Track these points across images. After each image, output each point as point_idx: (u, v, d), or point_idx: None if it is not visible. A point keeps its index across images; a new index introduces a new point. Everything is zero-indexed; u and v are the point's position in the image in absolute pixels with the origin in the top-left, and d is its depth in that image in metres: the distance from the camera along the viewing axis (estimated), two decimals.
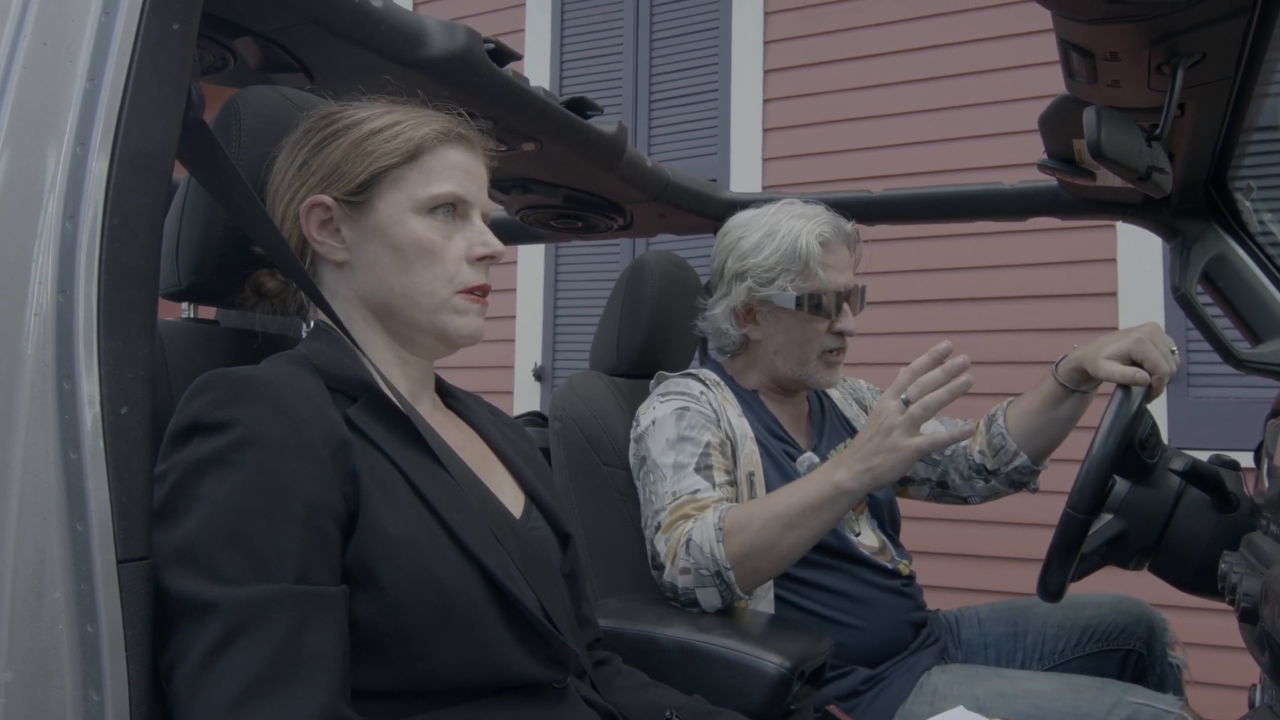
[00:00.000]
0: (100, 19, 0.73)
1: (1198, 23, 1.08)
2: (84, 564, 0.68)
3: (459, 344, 0.99)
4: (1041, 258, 3.09)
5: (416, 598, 0.81)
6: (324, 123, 0.97)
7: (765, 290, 1.56)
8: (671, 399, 1.52)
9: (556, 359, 3.94)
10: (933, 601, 1.67)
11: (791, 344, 1.59)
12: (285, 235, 0.96)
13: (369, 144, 0.94)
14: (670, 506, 1.41)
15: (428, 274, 0.95)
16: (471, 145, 1.00)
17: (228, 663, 0.71)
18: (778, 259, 1.55)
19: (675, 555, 1.36)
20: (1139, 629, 1.59)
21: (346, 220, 0.95)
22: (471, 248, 0.97)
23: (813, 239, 1.54)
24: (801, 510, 1.32)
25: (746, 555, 1.32)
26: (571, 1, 4.00)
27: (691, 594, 1.35)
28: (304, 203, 0.94)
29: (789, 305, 1.55)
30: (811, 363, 1.59)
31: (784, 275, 1.55)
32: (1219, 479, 1.33)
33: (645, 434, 1.51)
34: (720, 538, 1.33)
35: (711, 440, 1.47)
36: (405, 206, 0.94)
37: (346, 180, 0.94)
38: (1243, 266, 1.66)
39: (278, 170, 0.97)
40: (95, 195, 0.71)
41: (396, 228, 0.94)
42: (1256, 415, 1.57)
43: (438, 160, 0.96)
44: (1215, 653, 2.45)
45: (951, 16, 3.28)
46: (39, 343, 0.69)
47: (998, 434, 1.65)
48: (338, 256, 0.96)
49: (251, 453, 0.77)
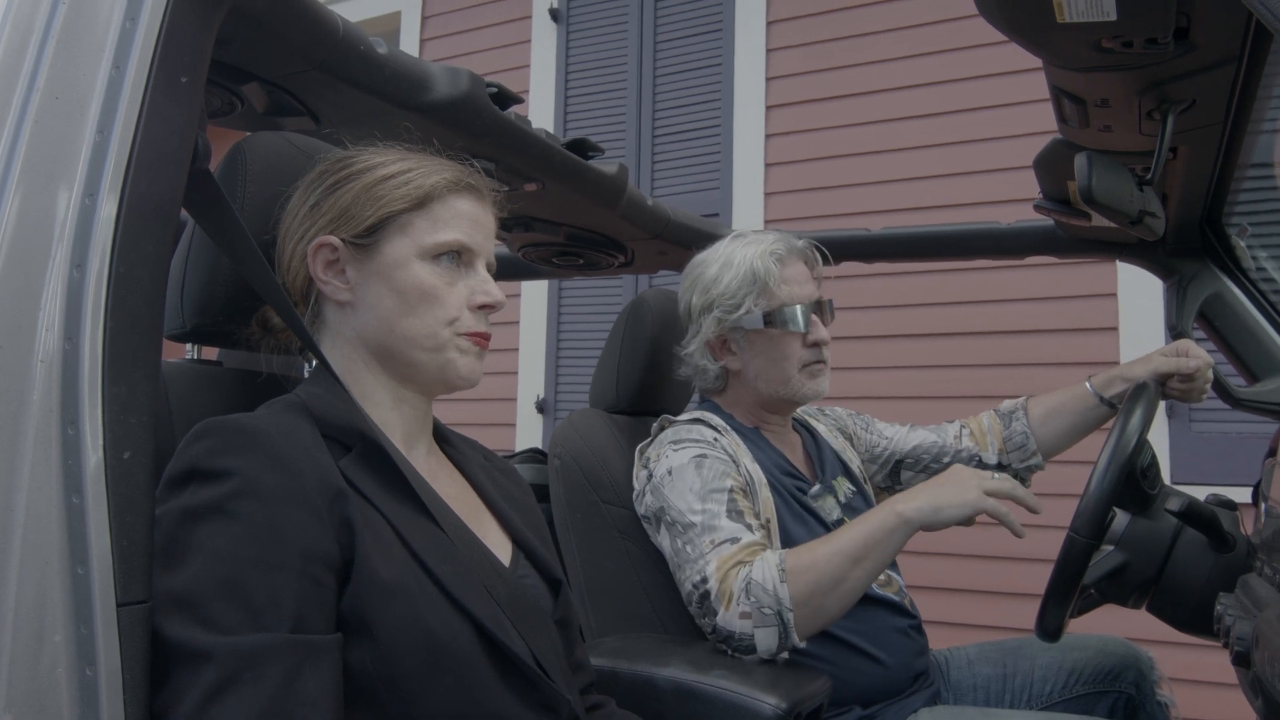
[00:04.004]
0: (110, 73, 0.75)
1: (1187, 71, 1.10)
2: (84, 607, 0.69)
3: (457, 385, 0.99)
4: (1042, 292, 3.10)
5: (409, 645, 0.82)
6: (338, 166, 0.99)
7: (733, 316, 1.58)
8: (686, 446, 1.51)
9: (559, 392, 3.95)
10: (930, 638, 1.66)
11: (770, 364, 1.60)
12: (293, 273, 0.97)
13: (380, 189, 0.96)
14: (714, 555, 1.37)
15: (429, 316, 0.96)
16: (481, 195, 1.02)
17: (220, 711, 0.71)
18: (738, 284, 1.58)
19: (732, 599, 1.33)
20: (1129, 673, 1.59)
21: (352, 262, 0.97)
22: (473, 295, 0.98)
23: (767, 258, 1.57)
24: (866, 543, 1.32)
25: (812, 594, 1.31)
26: (576, 38, 4.06)
27: (749, 638, 1.33)
28: (312, 242, 0.96)
29: (758, 325, 1.58)
30: (794, 378, 1.59)
31: (748, 298, 1.57)
32: (1215, 519, 1.33)
33: (661, 484, 1.48)
34: (783, 577, 1.31)
35: (734, 485, 1.46)
36: (411, 251, 0.96)
37: (355, 223, 0.96)
38: (1239, 305, 1.68)
39: (291, 209, 0.99)
40: (103, 244, 0.73)
41: (401, 271, 0.96)
42: (1258, 451, 1.58)
43: (446, 208, 0.98)
44: (1209, 690, 2.44)
45: (952, 54, 3.32)
46: (44, 388, 0.71)
47: (1020, 432, 1.73)
48: (341, 296, 0.97)
49: (248, 502, 0.78)
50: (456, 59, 4.22)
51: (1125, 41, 1.03)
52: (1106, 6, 0.96)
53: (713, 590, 1.35)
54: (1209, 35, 1.03)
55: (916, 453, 1.78)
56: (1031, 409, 1.75)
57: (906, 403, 3.14)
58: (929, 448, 1.78)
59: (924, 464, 1.78)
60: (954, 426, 1.80)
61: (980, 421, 1.78)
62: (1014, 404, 1.78)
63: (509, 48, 4.19)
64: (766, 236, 1.62)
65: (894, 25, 3.42)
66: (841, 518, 1.58)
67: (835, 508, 1.60)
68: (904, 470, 1.80)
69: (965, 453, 1.75)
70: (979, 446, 1.75)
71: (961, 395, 3.10)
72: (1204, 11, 0.98)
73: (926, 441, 1.78)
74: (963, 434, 1.78)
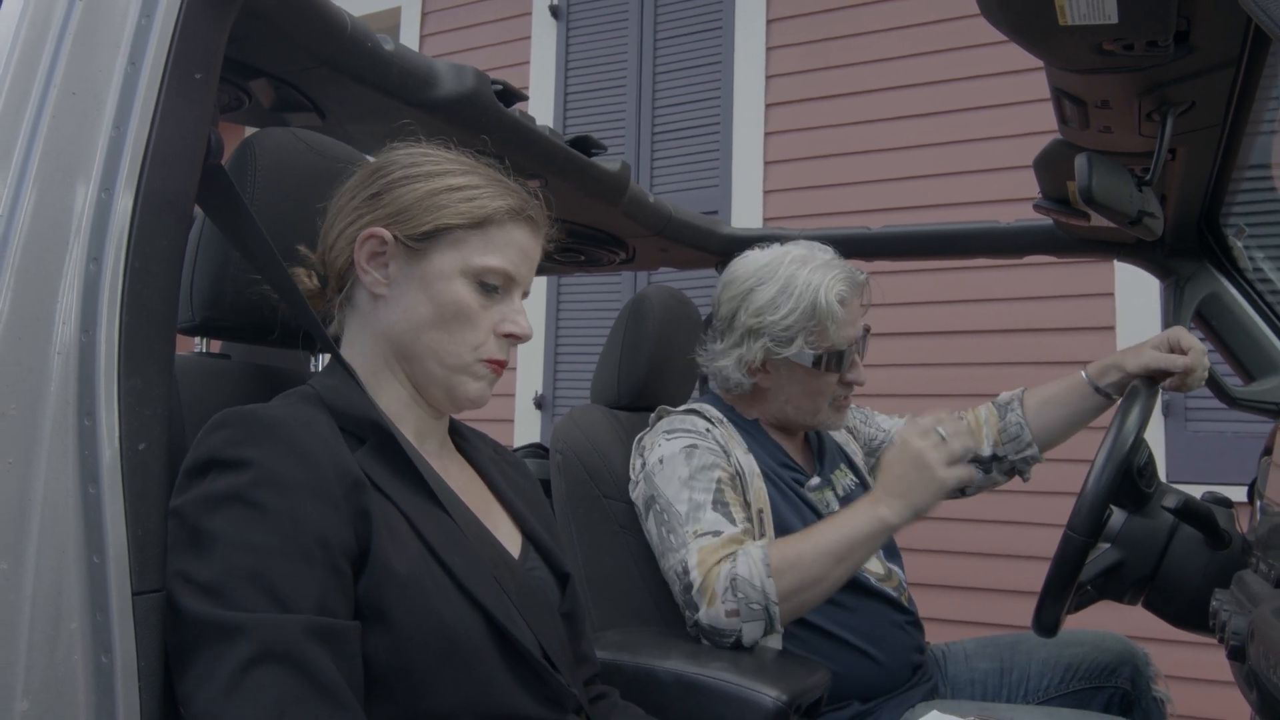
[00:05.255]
0: (126, 69, 0.76)
1: (1186, 73, 1.11)
2: (100, 596, 0.70)
3: (464, 406, 1.01)
4: (1039, 291, 3.12)
5: (422, 636, 0.83)
6: (407, 159, 0.99)
7: (784, 350, 1.54)
8: (678, 436, 1.52)
9: (557, 388, 3.96)
10: (927, 634, 1.68)
11: (803, 395, 1.59)
12: (335, 253, 0.98)
13: (443, 198, 0.96)
14: (695, 547, 1.39)
15: (458, 336, 0.97)
16: (536, 228, 1.02)
17: (255, 683, 0.72)
18: (796, 318, 1.52)
19: (715, 595, 1.35)
20: (1125, 668, 1.60)
21: (398, 259, 0.97)
22: (503, 323, 0.99)
23: (832, 298, 1.51)
24: (849, 544, 1.34)
25: (796, 590, 1.34)
26: (576, 35, 4.06)
27: (736, 633, 1.35)
28: (365, 230, 0.96)
29: (806, 364, 1.55)
30: (823, 411, 1.61)
31: (802, 334, 1.53)
32: (1211, 516, 1.34)
33: (652, 472, 1.50)
34: (769, 572, 1.34)
35: (723, 477, 1.47)
36: (457, 267, 0.96)
37: (411, 224, 0.96)
38: (1236, 306, 1.69)
39: (348, 189, 0.99)
40: (118, 238, 0.74)
41: (442, 283, 0.96)
42: (1253, 449, 1.59)
43: (503, 234, 0.98)
44: (1205, 686, 2.45)
45: (952, 53, 3.33)
46: (61, 380, 0.71)
47: (1014, 423, 1.73)
48: (378, 290, 0.97)
49: (267, 492, 0.78)
50: (456, 55, 4.22)
51: (1126, 44, 1.04)
52: (1108, 9, 0.97)
53: (695, 584, 1.38)
54: (1209, 38, 1.04)
55: None
56: (1027, 400, 1.76)
57: (905, 401, 3.14)
58: None
59: None
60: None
61: (977, 414, 1.79)
62: (1011, 395, 1.79)
63: (509, 44, 4.20)
64: (831, 265, 1.56)
65: (894, 24, 3.44)
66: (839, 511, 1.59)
67: (834, 500, 1.61)
68: None
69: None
70: (974, 438, 1.76)
71: (960, 393, 3.10)
72: (1204, 15, 0.99)
73: None
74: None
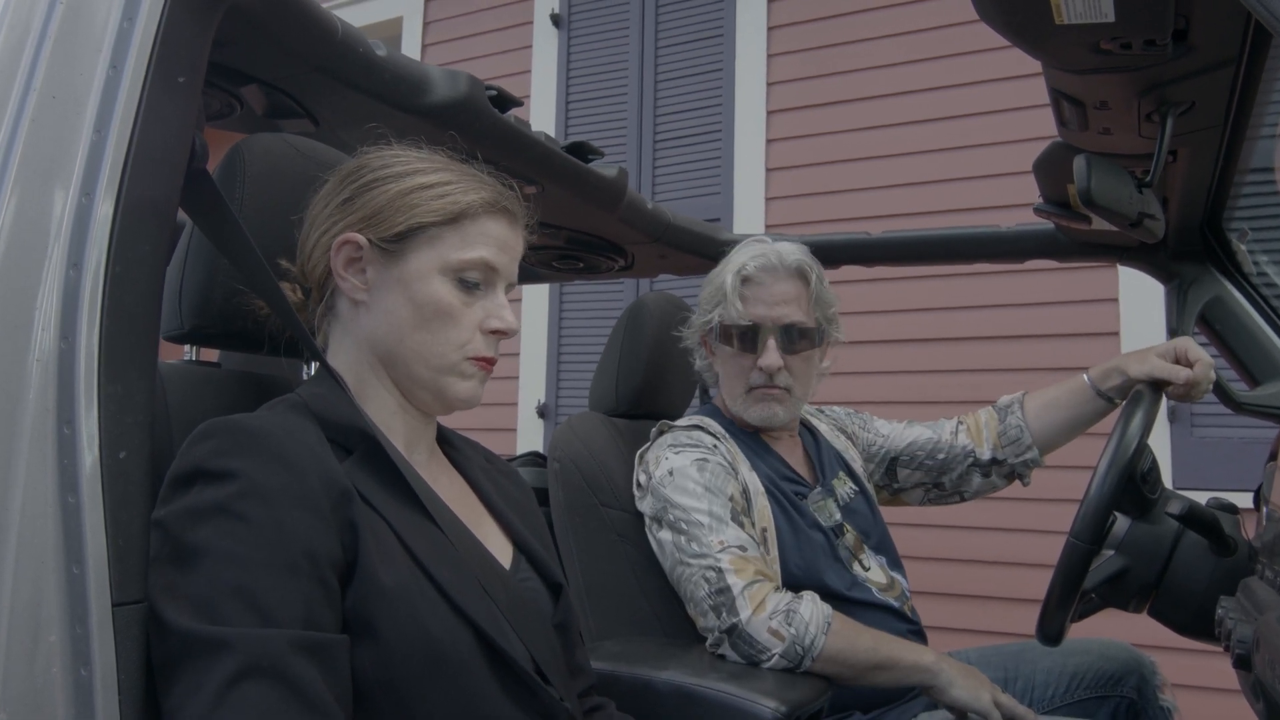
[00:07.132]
0: (108, 72, 0.75)
1: (1186, 73, 1.10)
2: (80, 607, 0.69)
3: (455, 407, 0.99)
4: (1043, 297, 3.10)
5: (409, 649, 0.81)
6: (378, 162, 0.97)
7: (701, 321, 1.64)
8: (686, 450, 1.51)
9: (560, 396, 3.95)
10: (931, 643, 1.66)
11: (727, 377, 1.64)
12: (313, 262, 0.96)
13: (415, 197, 0.94)
14: (726, 556, 1.39)
15: (442, 335, 0.95)
16: (514, 219, 1.00)
17: (241, 698, 0.70)
18: (711, 291, 1.63)
19: (764, 606, 1.36)
20: (1131, 678, 1.58)
21: (374, 263, 0.95)
22: (488, 319, 0.97)
23: (734, 271, 1.59)
24: (893, 664, 1.38)
25: (834, 659, 1.36)
26: (577, 43, 4.06)
27: (768, 651, 1.35)
28: (338, 237, 0.95)
29: (716, 339, 1.63)
30: (740, 398, 1.61)
31: (717, 307, 1.61)
32: (1216, 522, 1.32)
33: (661, 484, 1.49)
34: (826, 630, 1.36)
35: (734, 494, 1.47)
36: (435, 265, 0.95)
37: (385, 226, 0.94)
38: (1240, 309, 1.67)
39: (322, 197, 0.98)
40: (99, 244, 0.73)
41: (421, 283, 0.94)
42: (1259, 455, 1.57)
43: (478, 228, 0.96)
44: (1211, 695, 2.43)
45: (952, 59, 3.32)
46: (40, 387, 0.70)
47: (1015, 425, 1.73)
48: (357, 296, 0.96)
49: (253, 503, 0.77)
50: (458, 64, 4.22)
51: (1124, 43, 1.03)
52: (1105, 8, 0.96)
53: (735, 587, 1.37)
54: (1208, 37, 1.03)
55: (911, 449, 1.78)
56: (1028, 403, 1.75)
57: (907, 407, 3.13)
58: (924, 444, 1.78)
59: (919, 460, 1.78)
60: (950, 423, 1.80)
61: (977, 418, 1.78)
62: (1011, 398, 1.78)
63: (510, 53, 4.20)
64: (760, 249, 1.61)
65: (894, 31, 3.43)
66: (841, 522, 1.58)
67: (835, 511, 1.60)
68: (900, 467, 1.80)
69: (960, 448, 1.75)
70: (974, 442, 1.75)
71: (962, 400, 3.08)
72: (1202, 13, 0.98)
73: (922, 438, 1.78)
74: (959, 430, 1.77)
